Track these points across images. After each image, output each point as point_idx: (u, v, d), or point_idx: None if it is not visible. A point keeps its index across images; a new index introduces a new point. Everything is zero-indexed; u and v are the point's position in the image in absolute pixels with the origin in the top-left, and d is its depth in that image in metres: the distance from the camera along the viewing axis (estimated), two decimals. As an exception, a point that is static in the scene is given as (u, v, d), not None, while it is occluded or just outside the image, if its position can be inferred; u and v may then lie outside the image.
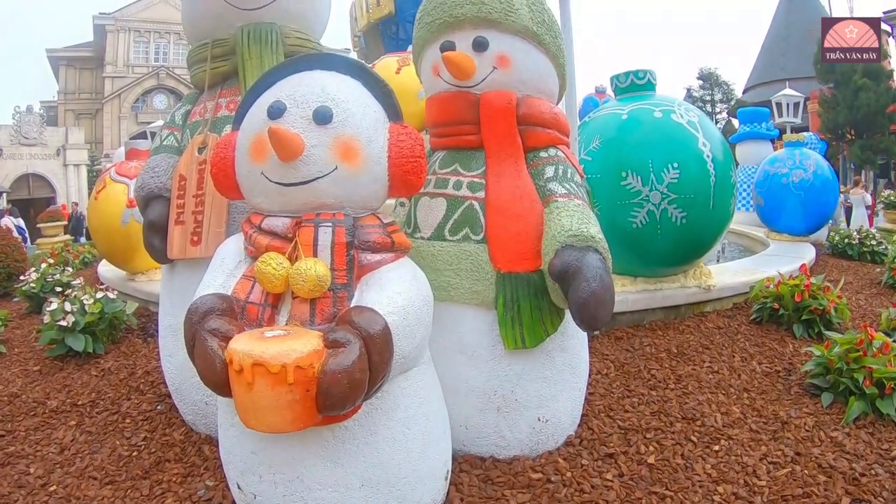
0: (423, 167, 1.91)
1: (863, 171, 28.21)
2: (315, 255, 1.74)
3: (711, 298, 4.57)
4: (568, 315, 2.24)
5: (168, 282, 2.86)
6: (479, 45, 2.21)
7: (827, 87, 28.11)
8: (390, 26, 10.06)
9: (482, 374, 2.30)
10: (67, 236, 15.91)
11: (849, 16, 33.06)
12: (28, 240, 16.66)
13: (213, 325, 1.65)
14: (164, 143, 2.81)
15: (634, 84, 4.51)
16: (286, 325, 1.72)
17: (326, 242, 1.75)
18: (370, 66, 7.41)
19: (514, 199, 2.15)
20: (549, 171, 2.20)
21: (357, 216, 1.85)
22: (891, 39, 30.86)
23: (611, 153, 4.08)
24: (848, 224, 14.63)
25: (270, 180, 1.77)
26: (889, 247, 7.75)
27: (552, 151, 2.27)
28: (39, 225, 16.20)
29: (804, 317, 4.20)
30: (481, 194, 2.19)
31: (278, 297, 1.77)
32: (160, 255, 2.68)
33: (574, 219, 2.01)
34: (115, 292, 4.94)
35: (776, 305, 4.29)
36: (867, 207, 15.04)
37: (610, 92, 10.90)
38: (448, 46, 2.26)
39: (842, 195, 15.42)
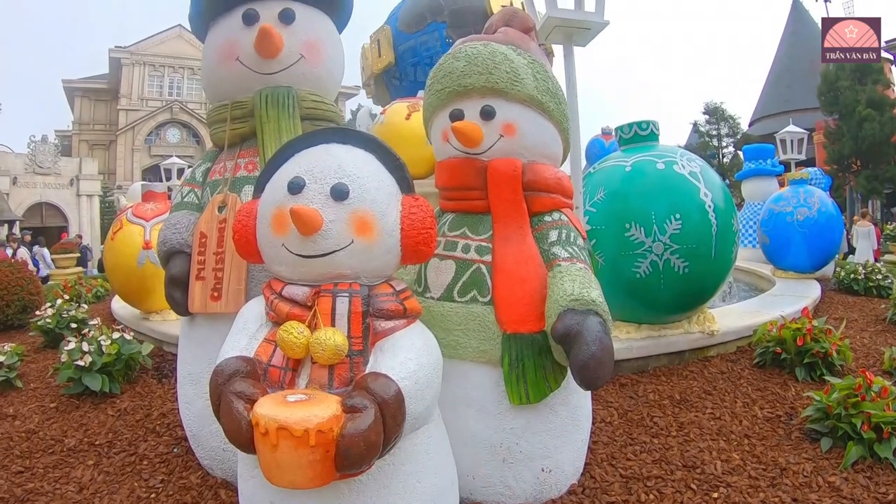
0: (434, 238, 2.03)
1: (870, 202, 28.20)
2: (333, 323, 1.85)
3: (715, 343, 4.63)
4: (570, 370, 2.34)
5: (188, 332, 2.96)
6: (487, 114, 2.34)
7: (832, 119, 28.18)
8: (392, 75, 10.43)
9: (489, 427, 2.39)
10: (80, 268, 16.08)
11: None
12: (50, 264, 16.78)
13: (239, 387, 1.76)
14: (185, 199, 2.94)
15: (638, 135, 4.64)
16: (306, 388, 1.83)
17: (344, 312, 1.87)
18: (382, 109, 7.67)
19: (520, 264, 2.26)
20: (553, 236, 2.32)
21: (371, 284, 1.97)
22: (893, 68, 31.01)
23: (615, 205, 4.20)
24: (850, 251, 14.63)
25: (291, 252, 1.90)
26: (895, 281, 7.79)
27: (556, 215, 2.39)
28: (52, 256, 16.40)
29: (806, 360, 4.24)
30: (488, 258, 2.31)
31: (299, 362, 1.88)
32: (181, 309, 2.79)
33: (576, 283, 2.11)
34: (131, 333, 5.05)
35: (778, 349, 4.34)
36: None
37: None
38: (457, 114, 2.39)
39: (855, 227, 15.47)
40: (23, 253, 16.61)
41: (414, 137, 3.60)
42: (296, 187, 1.90)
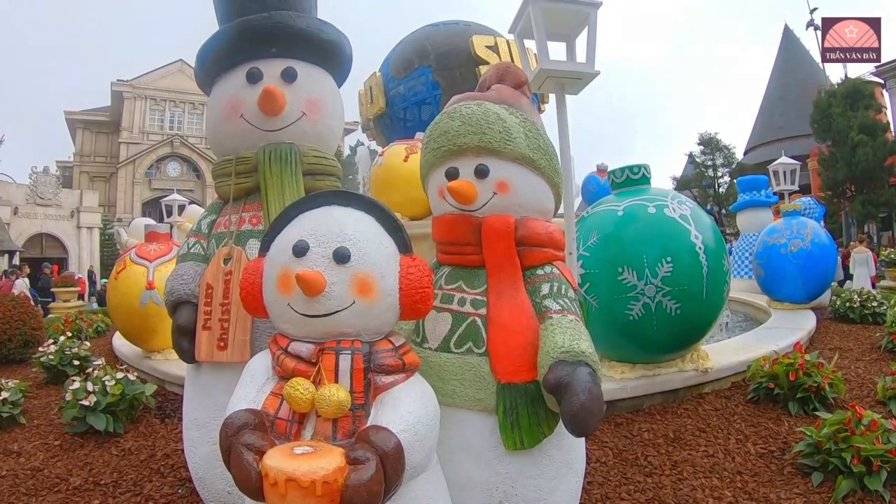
0: (430, 296, 2.13)
1: (866, 226, 28.34)
2: (337, 379, 1.95)
3: (710, 380, 4.71)
4: (563, 417, 2.42)
5: (194, 379, 3.05)
6: (481, 173, 2.45)
7: (825, 145, 28.42)
8: (385, 120, 10.90)
9: (485, 471, 2.46)
10: (81, 302, 16.15)
11: (843, 73, 33.75)
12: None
13: (248, 439, 1.86)
14: (192, 250, 3.04)
15: (630, 179, 4.78)
16: (312, 440, 1.93)
17: (346, 369, 1.97)
18: (380, 151, 7.83)
19: (513, 317, 2.36)
20: (545, 289, 2.42)
21: (372, 341, 2.08)
22: (885, 92, 31.35)
23: (608, 249, 4.32)
24: (846, 279, 14.70)
25: (296, 311, 2.01)
26: (889, 310, 7.89)
27: (548, 269, 2.49)
28: (53, 289, 16.48)
29: (799, 395, 4.33)
30: (483, 311, 2.41)
31: (304, 415, 1.97)
32: (188, 357, 2.88)
33: (566, 336, 2.21)
34: (134, 373, 5.13)
35: (771, 385, 4.43)
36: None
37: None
38: (453, 172, 2.50)
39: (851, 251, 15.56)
40: (20, 285, 16.69)
41: (412, 179, 3.72)
42: (300, 250, 2.01)
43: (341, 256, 1.99)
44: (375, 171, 7.39)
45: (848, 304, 8.45)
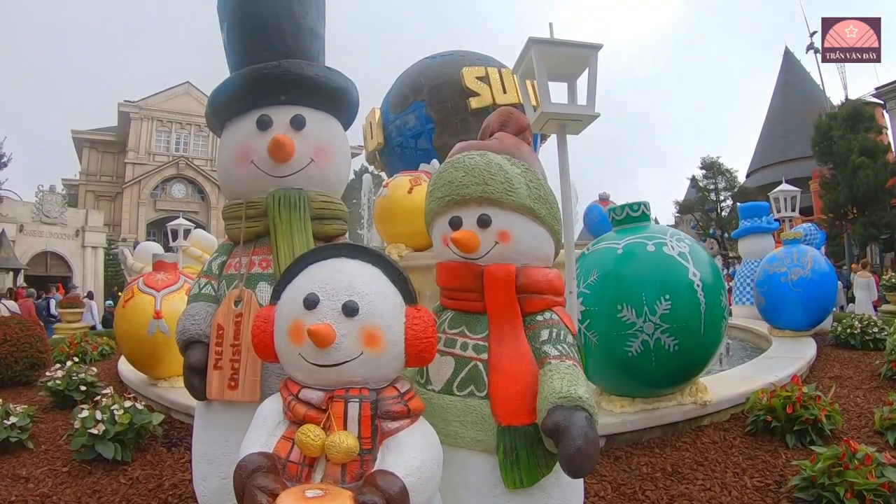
0: (434, 345, 2.24)
1: (868, 248, 28.34)
2: (345, 426, 2.05)
3: (709, 412, 4.77)
4: (562, 454, 2.51)
5: (204, 415, 3.11)
6: (483, 223, 2.55)
7: (826, 168, 28.48)
8: (385, 153, 11.34)
9: (486, 508, 2.55)
10: (85, 323, 16.22)
11: (843, 95, 33.90)
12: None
13: (261, 482, 1.95)
14: (203, 291, 3.11)
15: (629, 216, 4.88)
16: (322, 482, 2.02)
17: (354, 416, 2.07)
18: (385, 182, 7.96)
19: (513, 362, 2.45)
20: (544, 335, 2.51)
21: (378, 388, 2.18)
22: (885, 113, 31.46)
23: (607, 287, 4.42)
24: (846, 303, 14.70)
25: (306, 360, 2.11)
26: (889, 336, 7.93)
27: (547, 315, 2.58)
28: (58, 310, 16.55)
29: (796, 427, 4.39)
30: (485, 356, 2.50)
31: (315, 458, 2.07)
32: (199, 395, 2.96)
33: (564, 381, 2.30)
34: (142, 402, 5.21)
35: (769, 418, 4.49)
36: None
37: (613, 198, 11.47)
38: (456, 222, 2.60)
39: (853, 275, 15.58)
40: (11, 307, 16.72)
41: (416, 210, 3.83)
42: (311, 303, 2.11)
43: (350, 310, 2.10)
44: (380, 201, 7.51)
45: (849, 330, 8.47)
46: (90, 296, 23.88)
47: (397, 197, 7.11)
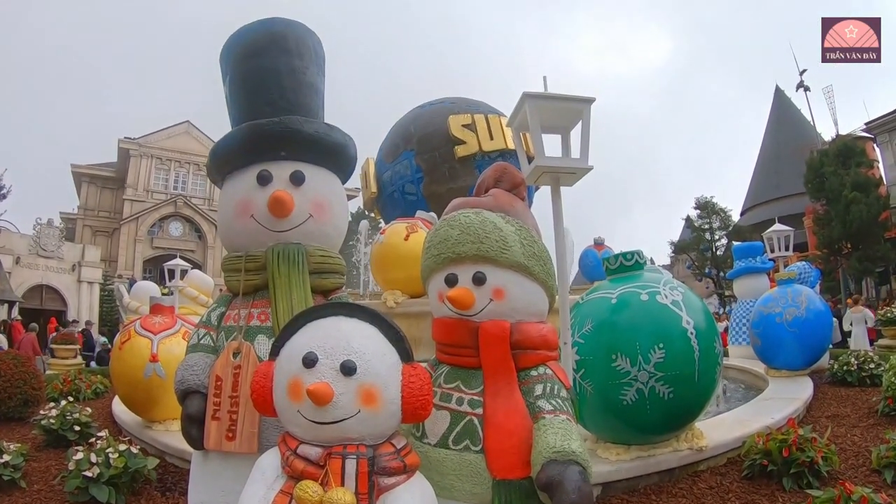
0: (430, 402, 2.30)
1: (863, 282, 28.45)
2: (343, 482, 2.09)
3: (705, 457, 4.76)
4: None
5: (201, 464, 3.11)
6: (478, 280, 2.60)
7: (819, 204, 28.71)
8: (379, 201, 11.55)
9: (482, 558, 2.56)
10: (79, 360, 16.13)
11: (834, 131, 34.26)
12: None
13: None
14: (202, 341, 3.14)
15: (623, 265, 4.94)
16: None
17: (352, 472, 2.12)
18: (382, 229, 8.06)
19: (508, 417, 2.48)
20: (538, 389, 2.55)
21: (375, 444, 2.22)
22: (875, 147, 31.80)
23: (602, 336, 4.45)
24: (844, 337, 14.65)
25: (305, 417, 2.16)
26: (885, 373, 7.93)
27: (541, 370, 2.62)
28: (52, 346, 16.45)
29: (793, 470, 4.38)
30: (480, 411, 2.53)
31: None
32: (197, 444, 2.98)
33: (558, 436, 2.33)
34: (137, 446, 5.19)
35: (765, 461, 4.49)
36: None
37: (609, 243, 11.59)
38: (452, 279, 2.65)
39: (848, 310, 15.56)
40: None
41: (412, 257, 3.88)
42: (310, 362, 2.16)
43: (348, 369, 2.15)
44: (377, 248, 7.59)
45: (846, 367, 8.44)
46: (88, 323, 23.93)
47: (394, 244, 7.20)
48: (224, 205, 3.32)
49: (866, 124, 31.46)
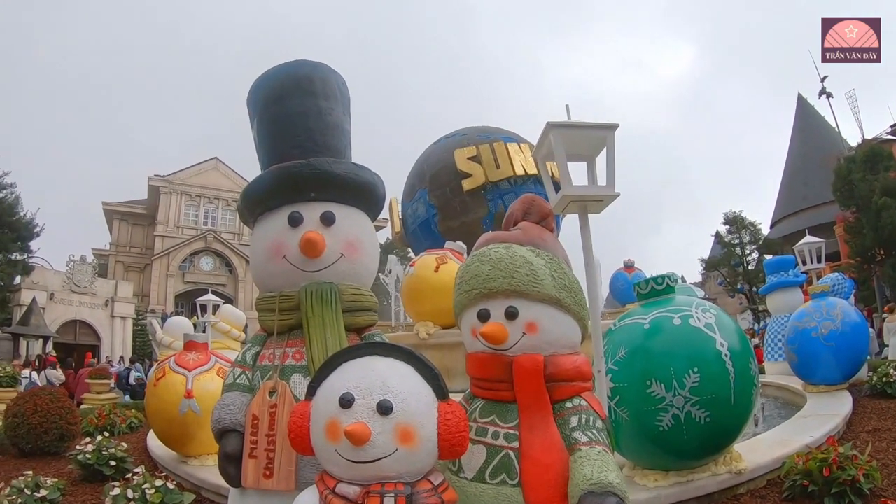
0: (467, 439, 2.33)
1: (897, 290, 27.77)
2: None
3: (744, 480, 4.67)
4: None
5: (239, 500, 3.13)
6: (511, 315, 2.62)
7: (850, 212, 28.18)
8: (406, 237, 12.04)
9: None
10: (114, 394, 16.37)
11: (859, 136, 33.72)
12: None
13: None
14: (237, 381, 3.18)
15: (654, 290, 4.90)
16: None
17: None
18: (412, 261, 8.14)
19: (544, 450, 2.48)
20: (574, 421, 2.55)
21: (413, 481, 2.24)
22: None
23: (636, 362, 4.42)
24: (880, 350, 14.30)
25: (343, 457, 2.19)
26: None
27: (576, 401, 2.62)
28: (87, 381, 16.71)
29: (834, 489, 4.29)
30: (516, 444, 2.54)
31: None
32: (235, 483, 3.01)
33: (595, 467, 2.33)
34: (173, 482, 5.25)
35: (806, 482, 4.40)
36: None
37: (639, 264, 11.50)
38: (484, 314, 2.68)
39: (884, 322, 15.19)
40: (53, 376, 16.99)
41: (443, 289, 3.91)
42: (346, 402, 2.20)
43: (384, 409, 2.18)
44: (407, 280, 7.66)
45: (885, 379, 8.26)
46: (125, 359, 24.35)
47: (424, 277, 7.30)
48: (256, 246, 3.38)
49: (891, 127, 30.94)
